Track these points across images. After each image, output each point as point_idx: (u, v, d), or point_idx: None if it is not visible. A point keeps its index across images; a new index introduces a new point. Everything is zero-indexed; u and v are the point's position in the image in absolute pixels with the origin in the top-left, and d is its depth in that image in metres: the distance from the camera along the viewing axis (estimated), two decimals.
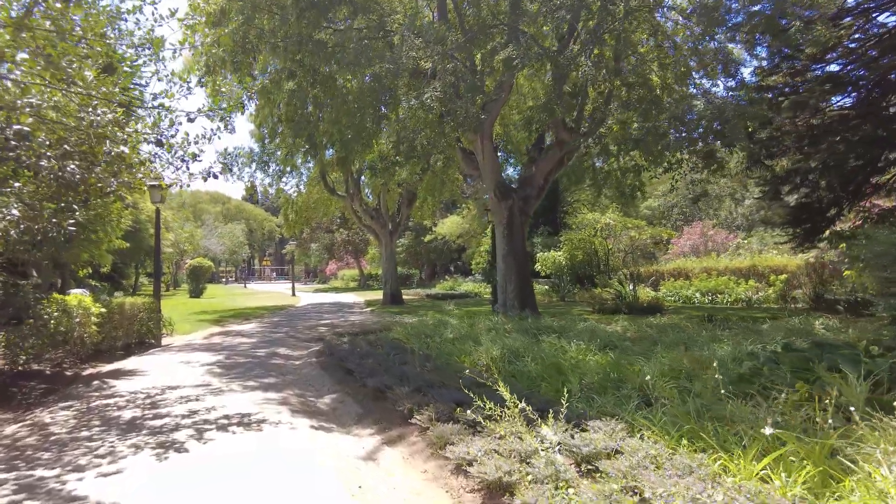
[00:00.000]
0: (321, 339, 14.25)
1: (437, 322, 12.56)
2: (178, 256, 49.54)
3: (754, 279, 22.46)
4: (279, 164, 27.24)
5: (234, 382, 8.11)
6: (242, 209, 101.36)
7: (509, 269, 14.17)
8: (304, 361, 10.36)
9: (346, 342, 11.16)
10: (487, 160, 14.46)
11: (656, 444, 4.36)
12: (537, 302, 25.97)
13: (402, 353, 8.97)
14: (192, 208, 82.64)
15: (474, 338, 10.15)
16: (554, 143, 14.84)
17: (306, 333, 15.08)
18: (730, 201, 58.22)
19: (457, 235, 43.34)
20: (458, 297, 31.03)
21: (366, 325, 17.25)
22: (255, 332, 15.24)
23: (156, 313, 13.64)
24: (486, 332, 10.67)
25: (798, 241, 19.70)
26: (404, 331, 11.59)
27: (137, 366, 9.81)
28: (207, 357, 10.68)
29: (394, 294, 27.33)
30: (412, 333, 10.95)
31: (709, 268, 24.68)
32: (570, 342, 8.69)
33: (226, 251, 72.55)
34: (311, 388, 8.04)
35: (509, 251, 14.22)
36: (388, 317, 20.47)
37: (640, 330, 10.83)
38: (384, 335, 11.96)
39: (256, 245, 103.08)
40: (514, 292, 14.01)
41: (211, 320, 19.00)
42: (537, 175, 14.87)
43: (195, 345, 12.75)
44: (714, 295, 22.64)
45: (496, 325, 11.49)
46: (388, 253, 27.58)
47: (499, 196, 14.32)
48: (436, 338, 10.40)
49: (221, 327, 17.30)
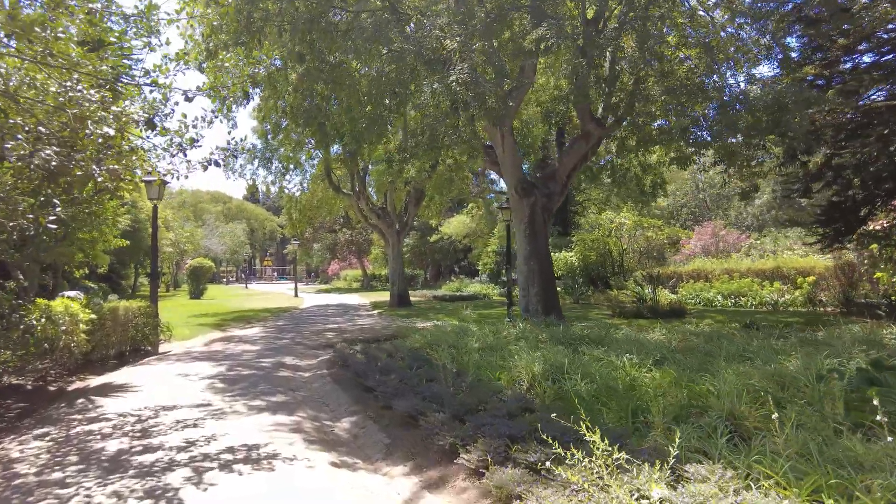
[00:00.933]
0: (330, 346, 13.26)
1: (457, 329, 11.56)
2: (178, 256, 48.58)
3: (779, 281, 21.45)
4: (282, 161, 26.28)
5: (237, 401, 7.12)
6: (244, 209, 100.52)
7: (531, 272, 13.18)
8: (315, 374, 9.37)
9: (360, 351, 10.18)
10: (508, 154, 13.47)
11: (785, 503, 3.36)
12: None
13: (427, 366, 7.98)
14: (193, 207, 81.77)
15: (502, 348, 9.18)
16: (579, 136, 13.85)
17: (313, 340, 14.11)
18: (738, 200, 57.23)
19: (463, 235, 42.35)
20: (467, 298, 30.06)
21: (376, 329, 16.27)
22: (259, 338, 14.26)
23: (153, 318, 12.67)
24: (514, 342, 9.69)
25: (827, 242, 18.73)
26: (423, 339, 10.60)
27: (130, 379, 8.82)
28: (208, 368, 9.69)
29: (401, 295, 26.35)
30: (432, 342, 9.96)
31: (730, 269, 23.67)
32: (615, 355, 7.70)
33: (227, 251, 71.67)
34: (326, 407, 7.06)
35: (532, 252, 13.23)
36: (398, 320, 19.49)
37: (684, 338, 9.83)
38: (400, 343, 10.97)
39: (258, 245, 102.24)
40: (538, 296, 13.02)
41: (212, 324, 18.03)
42: (560, 171, 13.88)
43: (195, 353, 11.77)
44: (737, 298, 21.64)
45: (524, 333, 10.50)
46: (394, 253, 26.61)
47: (520, 193, 13.33)
48: (460, 348, 9.42)
49: (223, 332, 16.32)
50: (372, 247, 56.51)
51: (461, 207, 44.79)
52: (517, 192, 13.34)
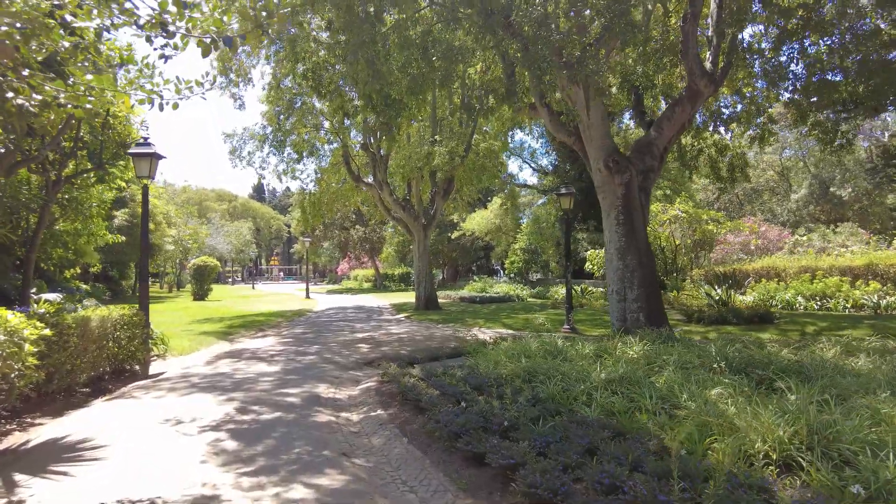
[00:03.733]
0: (369, 363, 10.36)
1: (544, 346, 8.62)
2: (181, 255, 45.76)
3: (875, 280, 18.44)
4: (295, 148, 23.39)
5: (264, 490, 4.18)
6: (249, 207, 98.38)
7: (628, 271, 10.22)
8: (367, 415, 6.44)
9: (422, 377, 7.26)
10: (595, 119, 10.54)
11: None
12: (593, 306, 22.03)
13: (559, 416, 5.07)
14: (198, 205, 79.57)
15: (645, 382, 6.26)
16: (683, 97, 10.90)
17: (345, 355, 11.19)
18: (769, 195, 54.29)
19: (485, 232, 39.36)
20: (498, 300, 27.10)
21: (418, 340, 13.35)
22: (277, 354, 11.34)
23: (142, 329, 9.78)
24: (655, 369, 6.78)
25: None
26: (509, 360, 7.69)
27: (93, 429, 5.89)
28: (212, 406, 6.77)
29: (428, 297, 23.42)
30: (529, 369, 7.03)
31: (809, 267, 20.64)
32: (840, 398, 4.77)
33: (232, 250, 69.19)
34: (413, 496, 4.12)
35: (629, 245, 10.28)
36: (436, 328, 16.56)
37: (887, 362, 6.85)
38: (473, 363, 8.06)
39: (264, 244, 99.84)
40: (639, 302, 10.06)
41: (217, 332, 15.13)
42: (658, 141, 10.94)
43: (194, 378, 8.84)
44: (822, 299, 18.62)
45: (653, 354, 7.56)
46: (421, 250, 23.66)
47: (612, 168, 10.39)
48: (578, 379, 6.50)
49: (230, 343, 13.42)
50: (385, 245, 53.65)
51: (482, 203, 41.83)
52: (608, 167, 10.39)
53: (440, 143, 19.72)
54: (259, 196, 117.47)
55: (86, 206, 14.08)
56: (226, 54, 20.64)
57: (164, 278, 55.00)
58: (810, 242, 31.74)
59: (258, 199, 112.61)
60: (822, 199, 50.44)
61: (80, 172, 13.34)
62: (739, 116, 16.43)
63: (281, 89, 21.58)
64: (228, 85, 21.22)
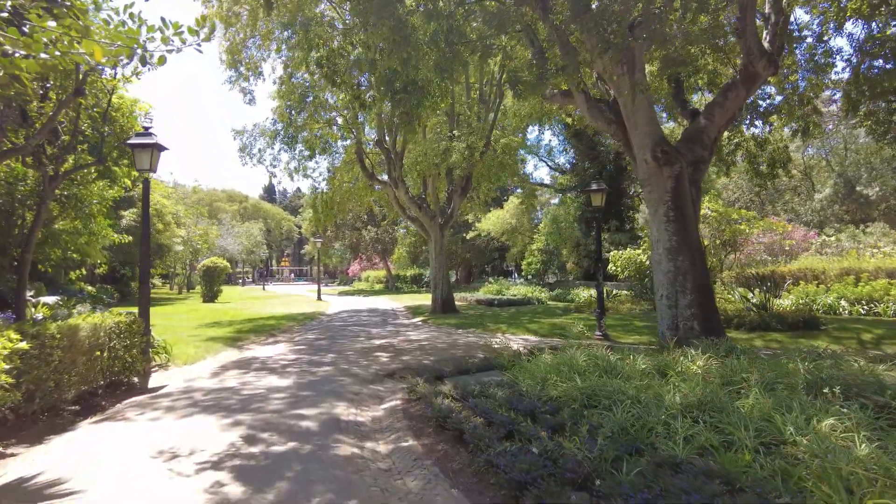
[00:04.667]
0: (390, 375, 9.38)
1: (591, 360, 7.57)
2: (190, 256, 45.05)
3: None
4: (307, 145, 22.47)
5: None
6: (260, 208, 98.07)
7: (680, 274, 9.14)
8: (397, 446, 5.44)
9: (457, 397, 6.25)
10: (641, 104, 9.48)
11: None
12: (620, 311, 20.88)
13: (651, 456, 4.04)
14: (209, 206, 79.27)
15: (728, 409, 5.24)
16: (738, 80, 9.81)
17: (364, 365, 10.20)
18: (790, 195, 52.79)
19: (501, 232, 38.26)
20: (517, 303, 26.01)
21: (440, 348, 12.34)
22: (289, 364, 10.37)
23: (141, 337, 8.85)
24: (754, 392, 5.73)
25: None
26: (560, 379, 6.66)
27: (71, 467, 4.91)
28: (213, 433, 5.79)
29: (445, 300, 22.41)
30: (586, 391, 6.00)
31: (850, 268, 19.42)
32: None
33: (243, 251, 68.63)
34: None
35: (680, 245, 9.20)
36: (457, 333, 15.55)
37: None
38: (508, 378, 7.04)
39: (274, 245, 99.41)
40: (693, 309, 8.98)
41: (225, 337, 14.20)
42: (709, 129, 9.87)
43: (198, 394, 7.87)
44: (869, 304, 17.40)
45: (728, 370, 6.49)
46: (437, 250, 22.65)
47: (661, 158, 9.32)
48: (649, 405, 5.48)
49: (239, 351, 12.48)
50: (397, 246, 52.72)
51: (497, 203, 40.72)
52: (656, 157, 9.32)
53: (458, 139, 18.74)
54: (270, 197, 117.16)
55: (86, 204, 13.20)
56: (235, 46, 19.79)
57: (174, 279, 54.41)
58: (839, 243, 30.45)
59: (269, 200, 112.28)
60: (847, 198, 48.99)
61: (79, 167, 12.48)
62: (780, 108, 15.31)
63: (293, 84, 20.69)
64: (238, 79, 20.36)
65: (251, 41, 20.13)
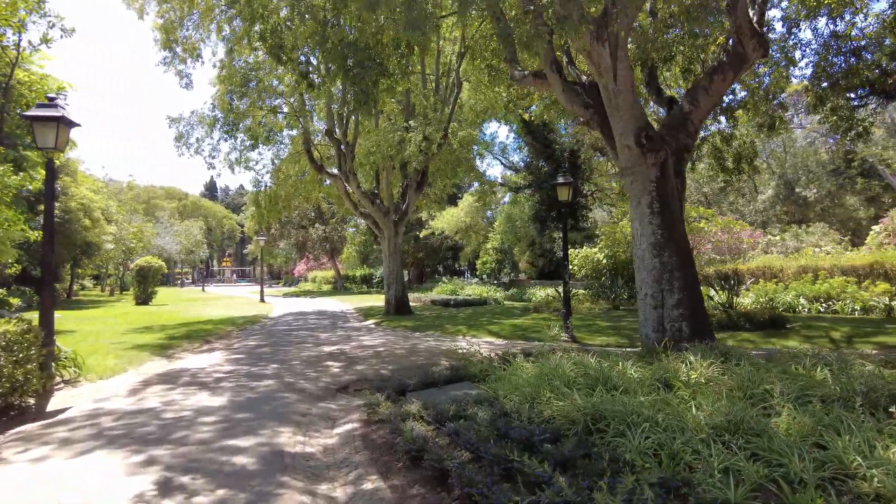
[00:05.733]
0: (343, 388, 8.16)
1: (578, 370, 6.57)
2: (123, 255, 42.01)
3: (883, 281, 17.21)
4: (249, 135, 20.82)
5: None
6: (201, 206, 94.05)
7: (666, 271, 8.29)
8: (359, 489, 4.24)
9: (430, 419, 5.13)
10: (623, 86, 8.58)
11: None
12: (580, 311, 20.23)
13: None
14: (145, 203, 75.21)
15: (763, 430, 4.33)
16: (726, 61, 9.06)
17: (312, 377, 8.89)
18: (735, 196, 54.14)
19: (455, 231, 37.27)
20: (473, 303, 25.05)
21: (399, 354, 11.14)
22: (225, 377, 8.95)
23: (39, 349, 7.28)
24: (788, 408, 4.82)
25: None
26: (564, 404, 5.62)
27: None
28: (116, 479, 4.42)
29: (399, 301, 21.19)
30: (588, 411, 4.96)
31: (807, 266, 19.35)
32: None
33: (182, 251, 65.22)
34: None
35: (667, 240, 8.35)
36: (413, 336, 14.40)
37: None
38: (486, 392, 5.97)
39: (215, 245, 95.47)
40: (681, 309, 8.13)
41: (154, 345, 12.55)
42: (694, 115, 9.08)
43: (107, 419, 6.39)
44: (827, 301, 17.29)
45: (746, 380, 5.59)
46: (391, 248, 21.39)
47: (646, 145, 8.44)
48: (669, 429, 4.49)
49: (168, 361, 10.92)
50: (346, 245, 51.00)
51: (451, 201, 39.66)
52: (640, 144, 8.44)
53: (414, 130, 17.57)
54: (211, 194, 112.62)
55: None
56: (170, 24, 17.95)
57: (105, 280, 50.93)
58: (784, 242, 31.02)
59: (210, 198, 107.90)
60: (787, 199, 50.55)
61: None
62: (745, 103, 14.92)
63: (234, 68, 19.04)
64: (173, 60, 18.46)
65: (188, 20, 18.33)
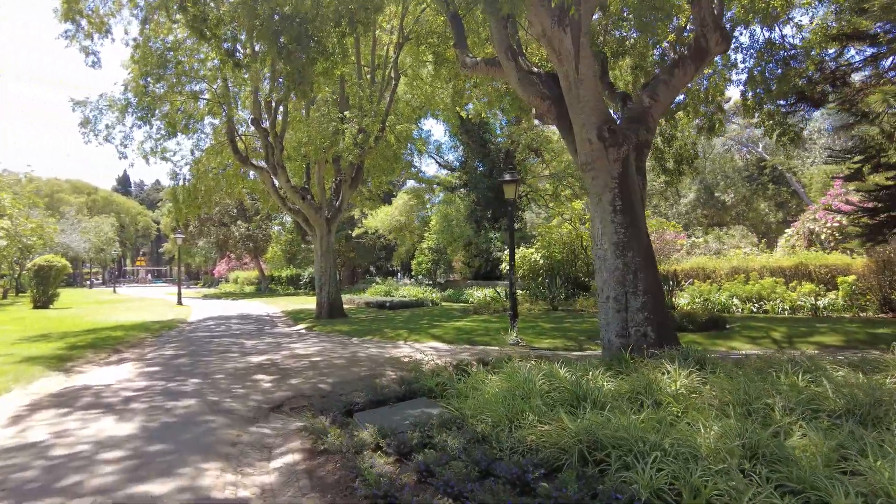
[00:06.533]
0: (277, 407, 7.11)
1: (548, 383, 5.88)
2: (19, 253, 38.04)
3: (807, 281, 17.81)
4: (166, 123, 19.02)
5: None
6: (112, 201, 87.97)
7: (630, 272, 7.76)
8: None
9: (391, 449, 4.27)
10: (586, 74, 7.99)
11: None
12: (520, 312, 19.80)
13: None
14: (48, 198, 69.16)
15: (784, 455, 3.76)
16: (687, 54, 8.69)
17: (240, 394, 7.75)
18: (658, 199, 56.15)
19: (389, 230, 36.22)
20: (410, 305, 24.18)
21: (337, 365, 10.11)
22: (136, 395, 7.64)
23: None
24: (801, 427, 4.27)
25: (868, 235, 15.22)
26: (551, 428, 4.87)
27: None
28: None
29: (333, 303, 20.02)
30: (583, 436, 4.24)
31: (740, 268, 19.82)
32: None
33: (91, 249, 60.45)
34: None
35: (630, 239, 7.82)
36: (351, 343, 13.38)
37: None
38: (449, 411, 5.15)
39: (129, 243, 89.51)
40: (646, 312, 7.61)
41: (51, 356, 10.87)
42: (654, 109, 8.65)
43: None
44: (759, 301, 17.70)
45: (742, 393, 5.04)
46: (324, 247, 20.16)
47: (609, 139, 7.89)
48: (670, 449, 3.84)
49: (66, 375, 9.38)
50: (271, 244, 48.74)
51: (386, 200, 38.48)
52: (602, 137, 7.88)
53: (350, 121, 16.50)
54: (124, 189, 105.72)
55: None
56: None
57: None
58: (707, 244, 32.14)
59: (123, 193, 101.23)
60: (707, 203, 52.88)
61: None
62: (685, 105, 14.98)
63: (150, 49, 17.22)
64: (77, 34, 16.36)
65: None
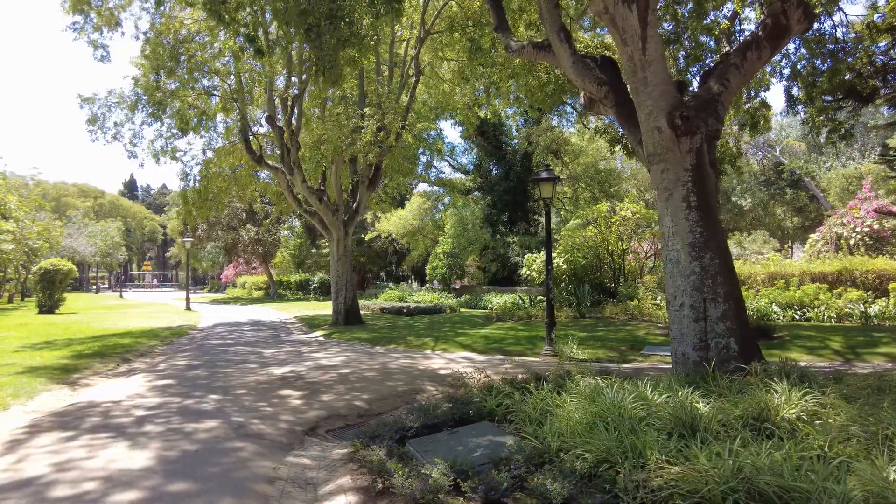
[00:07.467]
0: (313, 430, 6.19)
1: (639, 407, 4.96)
2: (25, 257, 37.30)
3: (852, 287, 16.82)
4: (177, 119, 18.21)
5: None
6: (119, 205, 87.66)
7: (709, 276, 6.82)
8: None
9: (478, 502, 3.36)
10: (654, 54, 7.11)
11: None
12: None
13: None
14: (55, 201, 68.76)
15: None
16: (762, 35, 7.78)
17: (266, 412, 6.84)
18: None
19: (402, 234, 35.34)
20: (427, 311, 23.24)
21: (368, 378, 9.20)
22: (149, 414, 6.75)
23: None
24: None
25: None
26: (683, 470, 3.96)
27: None
28: None
29: (349, 309, 19.12)
30: (747, 487, 3.32)
31: (778, 273, 18.83)
32: None
33: (97, 253, 59.78)
34: None
35: (708, 239, 6.90)
36: (375, 352, 12.46)
37: None
38: (525, 443, 4.25)
39: (135, 247, 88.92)
40: (728, 322, 6.67)
41: (55, 367, 10.01)
42: (724, 96, 7.73)
43: None
44: (801, 309, 16.70)
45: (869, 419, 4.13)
46: (340, 251, 19.29)
47: (681, 127, 6.99)
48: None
49: (71, 389, 8.52)
50: (280, 249, 47.93)
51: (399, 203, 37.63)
52: (673, 125, 6.97)
53: (370, 118, 15.66)
54: (131, 193, 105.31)
55: None
56: None
57: (4, 285, 45.49)
58: None
59: (130, 197, 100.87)
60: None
61: None
62: None
63: (161, 42, 16.44)
64: (85, 26, 15.61)
65: None
